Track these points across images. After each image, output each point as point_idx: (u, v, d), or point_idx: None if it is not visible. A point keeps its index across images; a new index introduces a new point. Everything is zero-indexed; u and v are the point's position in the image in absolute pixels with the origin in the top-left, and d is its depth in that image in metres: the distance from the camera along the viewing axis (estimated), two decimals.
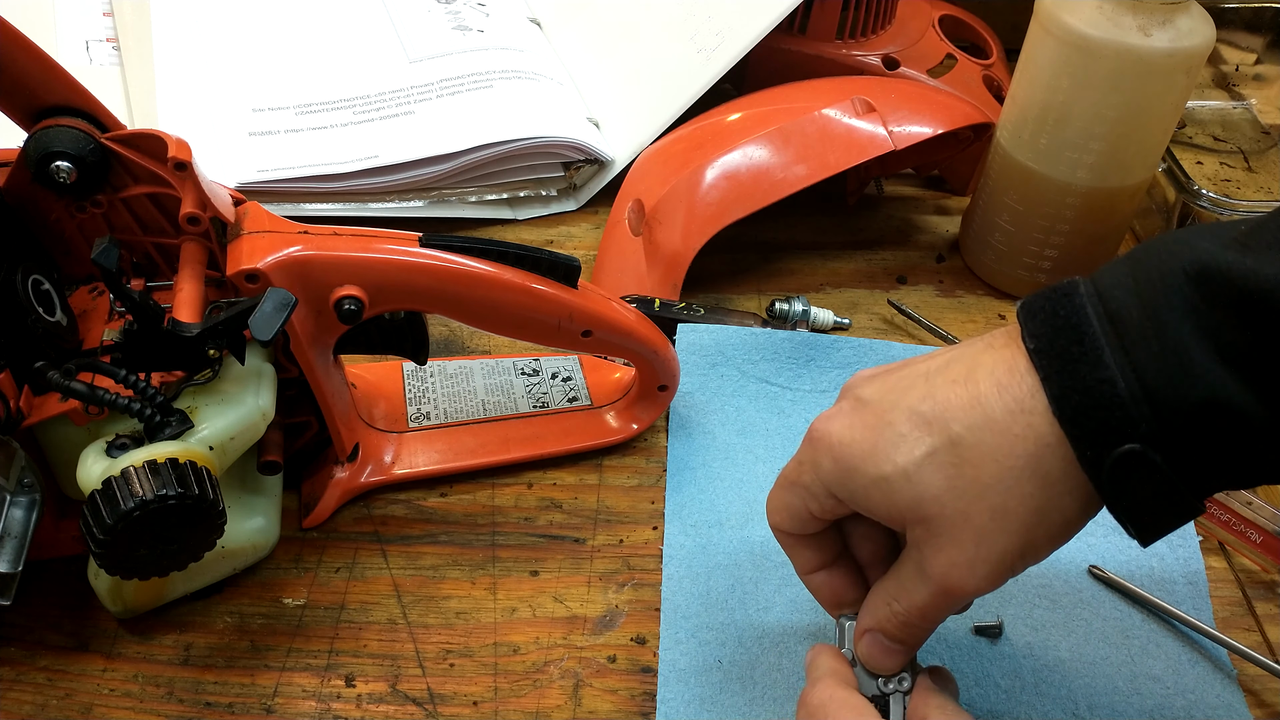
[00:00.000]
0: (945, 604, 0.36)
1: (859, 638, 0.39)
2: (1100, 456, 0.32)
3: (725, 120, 0.65)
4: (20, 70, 0.39)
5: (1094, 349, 0.32)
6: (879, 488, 0.35)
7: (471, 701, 0.45)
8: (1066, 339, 0.32)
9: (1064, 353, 0.32)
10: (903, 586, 0.37)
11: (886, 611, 0.37)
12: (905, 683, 0.39)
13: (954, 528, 0.34)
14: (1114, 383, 0.31)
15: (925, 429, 0.34)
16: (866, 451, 0.35)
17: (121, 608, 0.45)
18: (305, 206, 0.67)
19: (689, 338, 0.59)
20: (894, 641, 0.38)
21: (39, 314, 0.41)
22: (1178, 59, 0.55)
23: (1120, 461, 0.31)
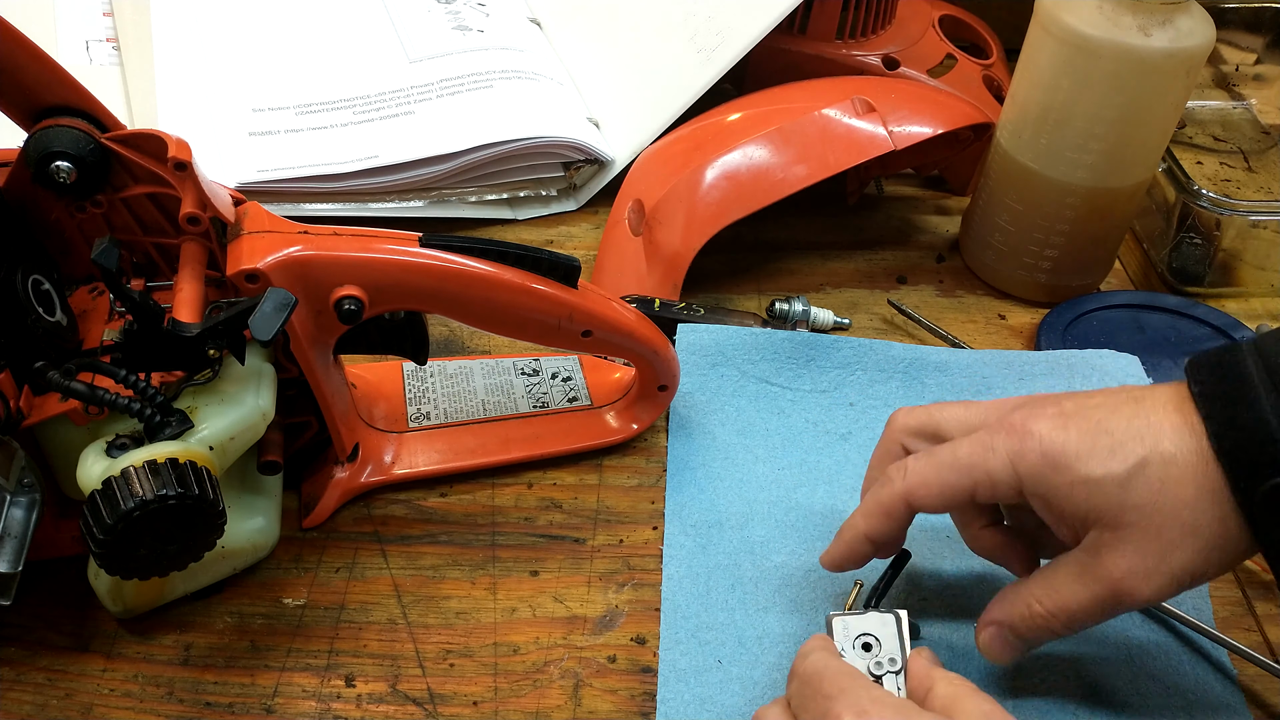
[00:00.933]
0: (1106, 607, 0.38)
1: (982, 629, 0.42)
2: (1252, 489, 0.35)
3: (725, 120, 0.65)
4: (20, 70, 0.39)
5: (1252, 394, 0.36)
6: (1085, 488, 0.38)
7: (471, 701, 0.45)
8: (1229, 385, 0.37)
9: (1225, 396, 0.37)
10: (1056, 587, 0.39)
11: (1025, 610, 0.40)
12: (897, 663, 0.39)
13: (1145, 538, 0.37)
14: (1267, 423, 0.35)
15: (1139, 442, 0.37)
16: (1082, 452, 0.38)
17: (121, 608, 0.45)
18: (305, 206, 0.67)
19: (689, 338, 0.59)
20: (1019, 638, 0.41)
21: (39, 314, 0.41)
22: (1178, 59, 0.55)
23: (1270, 494, 0.35)
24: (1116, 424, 0.38)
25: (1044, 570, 0.41)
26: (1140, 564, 0.37)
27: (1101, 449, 0.38)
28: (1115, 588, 0.38)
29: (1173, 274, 0.67)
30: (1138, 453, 0.37)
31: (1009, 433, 0.39)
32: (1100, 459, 0.38)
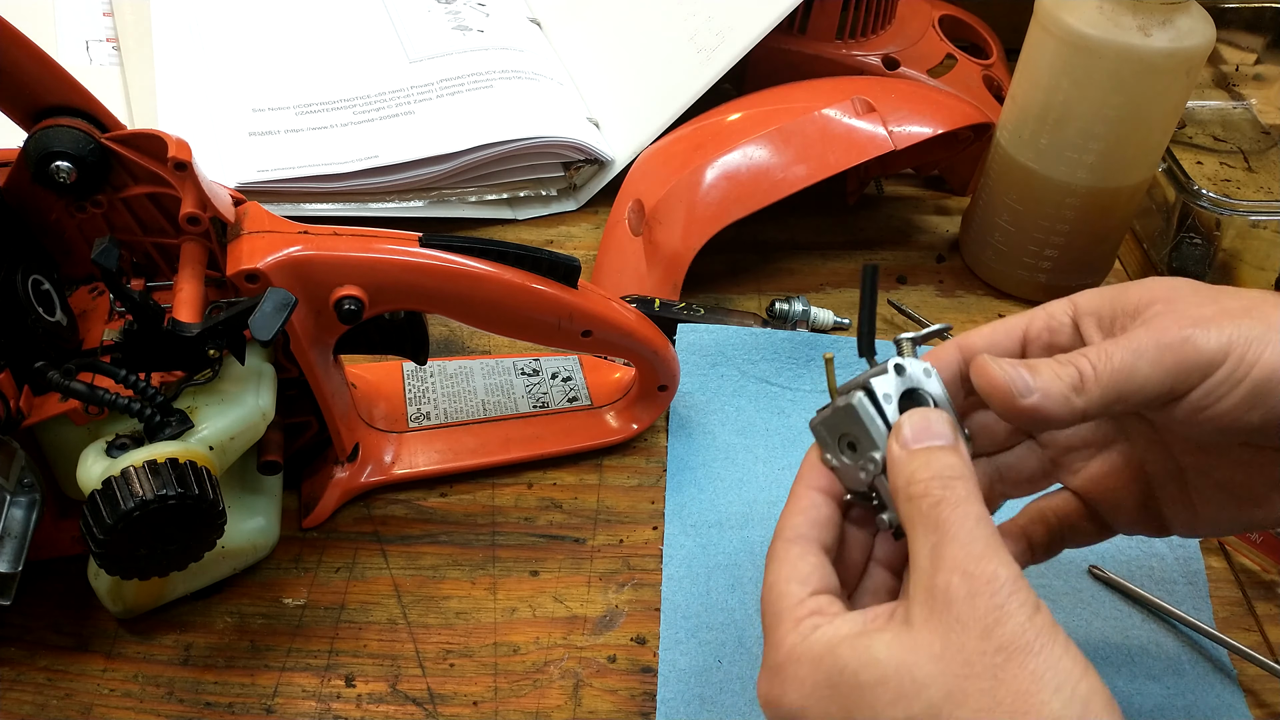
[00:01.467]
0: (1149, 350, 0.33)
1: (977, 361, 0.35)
2: None
3: (725, 120, 0.65)
4: (20, 70, 0.39)
5: None
6: (1140, 288, 0.35)
7: (471, 701, 0.45)
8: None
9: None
10: (1109, 351, 0.34)
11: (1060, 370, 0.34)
12: (877, 457, 0.34)
13: (1201, 294, 0.34)
14: None
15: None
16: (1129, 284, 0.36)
17: (121, 608, 0.45)
18: (305, 206, 0.67)
19: (689, 338, 0.59)
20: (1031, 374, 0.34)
21: (39, 314, 0.41)
22: (1178, 59, 0.55)
23: None
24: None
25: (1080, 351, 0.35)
26: (1199, 310, 0.33)
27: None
28: (1159, 333, 0.33)
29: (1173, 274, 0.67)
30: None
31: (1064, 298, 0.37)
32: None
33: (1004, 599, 0.29)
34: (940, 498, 0.31)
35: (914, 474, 0.32)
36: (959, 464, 0.32)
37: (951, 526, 0.30)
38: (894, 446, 0.33)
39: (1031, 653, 0.28)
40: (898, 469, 0.33)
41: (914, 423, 0.33)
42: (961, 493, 0.31)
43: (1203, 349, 0.33)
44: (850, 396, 0.35)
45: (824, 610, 0.33)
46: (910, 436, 0.33)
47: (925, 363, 0.36)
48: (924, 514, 0.31)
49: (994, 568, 0.29)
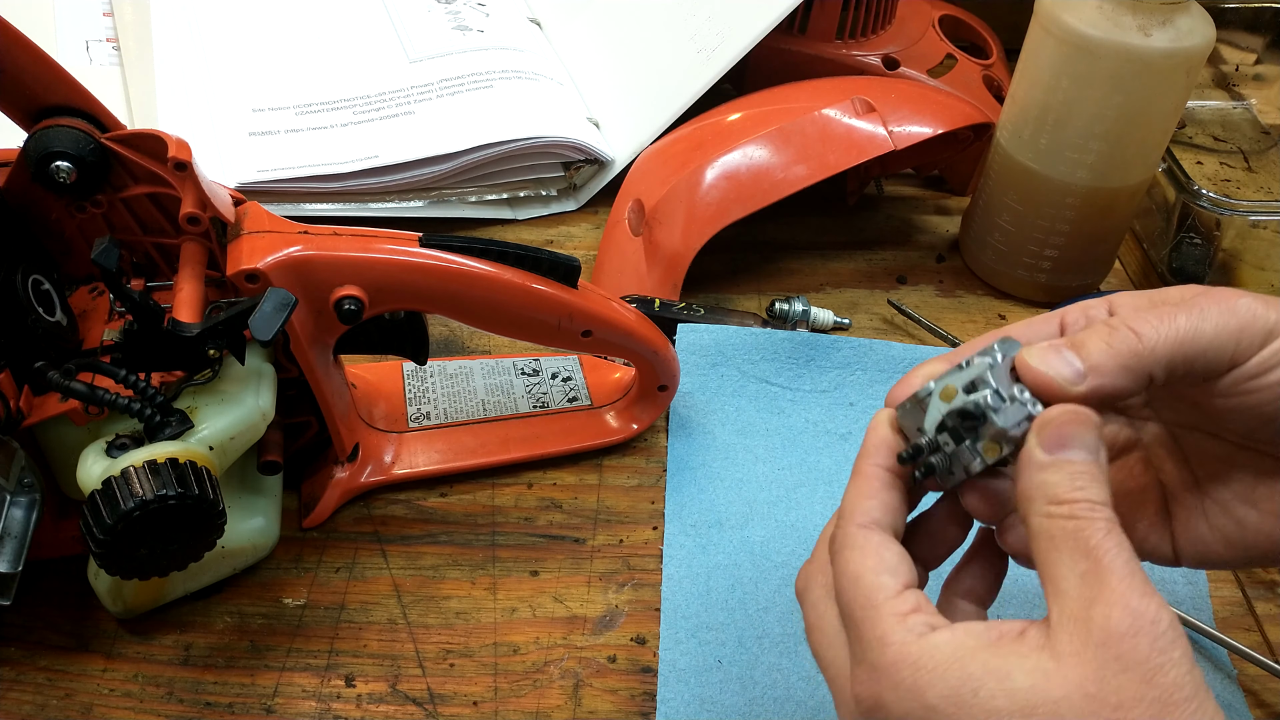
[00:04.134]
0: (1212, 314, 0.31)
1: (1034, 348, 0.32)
2: None
3: (725, 120, 0.65)
4: (20, 70, 0.39)
5: None
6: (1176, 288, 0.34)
7: (471, 701, 0.45)
8: None
9: None
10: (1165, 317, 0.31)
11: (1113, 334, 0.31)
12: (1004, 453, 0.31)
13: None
14: None
15: None
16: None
17: (121, 608, 0.45)
18: (305, 206, 0.67)
19: (689, 338, 0.59)
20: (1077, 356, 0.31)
21: (39, 314, 0.41)
22: (1178, 59, 0.55)
23: None
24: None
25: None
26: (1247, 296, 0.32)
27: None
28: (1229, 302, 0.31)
29: (1173, 274, 0.67)
30: None
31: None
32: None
33: (1168, 644, 0.27)
34: (1088, 520, 0.28)
35: (1057, 488, 0.29)
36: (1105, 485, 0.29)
37: (1107, 556, 0.28)
38: (1035, 450, 0.30)
39: (1191, 708, 0.26)
40: (1034, 475, 0.29)
41: (1061, 423, 0.30)
42: (1111, 518, 0.28)
43: (1261, 315, 0.31)
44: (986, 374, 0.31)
45: (922, 608, 0.30)
46: (1054, 440, 0.30)
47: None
48: (1070, 535, 0.28)
49: (1157, 610, 0.27)
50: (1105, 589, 0.27)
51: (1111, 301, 0.35)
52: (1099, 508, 0.28)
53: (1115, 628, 0.27)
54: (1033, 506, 0.29)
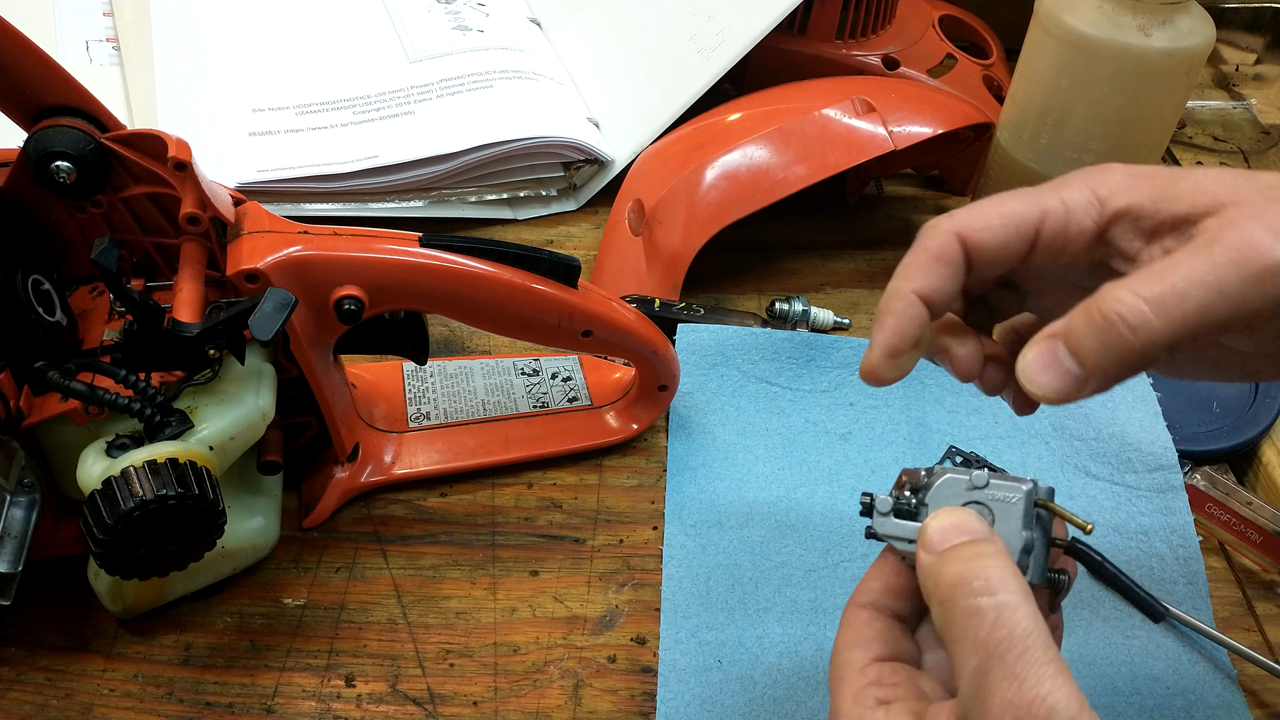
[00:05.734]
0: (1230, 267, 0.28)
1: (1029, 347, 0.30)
2: None
3: (725, 120, 0.65)
4: (20, 70, 0.39)
5: None
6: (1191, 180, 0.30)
7: (471, 701, 0.45)
8: None
9: None
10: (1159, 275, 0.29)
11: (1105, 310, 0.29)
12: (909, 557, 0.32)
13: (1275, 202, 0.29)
14: None
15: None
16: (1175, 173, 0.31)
17: (121, 608, 0.45)
18: (305, 206, 0.67)
19: (689, 338, 0.59)
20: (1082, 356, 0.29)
21: (39, 314, 0.41)
22: (1178, 59, 0.55)
23: None
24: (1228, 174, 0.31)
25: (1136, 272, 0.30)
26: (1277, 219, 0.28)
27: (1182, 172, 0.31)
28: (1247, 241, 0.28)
29: None
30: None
31: (1079, 173, 0.32)
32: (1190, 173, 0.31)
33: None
34: (975, 607, 0.28)
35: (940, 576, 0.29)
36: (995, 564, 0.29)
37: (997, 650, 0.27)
38: (920, 553, 0.31)
39: None
40: (924, 573, 0.31)
41: (940, 523, 0.31)
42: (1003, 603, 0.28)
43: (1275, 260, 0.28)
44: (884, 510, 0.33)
45: (884, 680, 0.31)
46: (936, 539, 0.31)
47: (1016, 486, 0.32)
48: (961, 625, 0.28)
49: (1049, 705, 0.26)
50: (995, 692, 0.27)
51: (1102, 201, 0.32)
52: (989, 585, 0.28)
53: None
54: (930, 601, 0.30)
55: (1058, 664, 0.27)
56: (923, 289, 0.33)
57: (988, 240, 0.32)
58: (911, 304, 0.33)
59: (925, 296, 0.33)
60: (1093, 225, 0.32)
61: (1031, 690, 0.26)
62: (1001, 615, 0.28)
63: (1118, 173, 0.32)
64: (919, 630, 0.34)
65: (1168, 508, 0.52)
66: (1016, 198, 0.33)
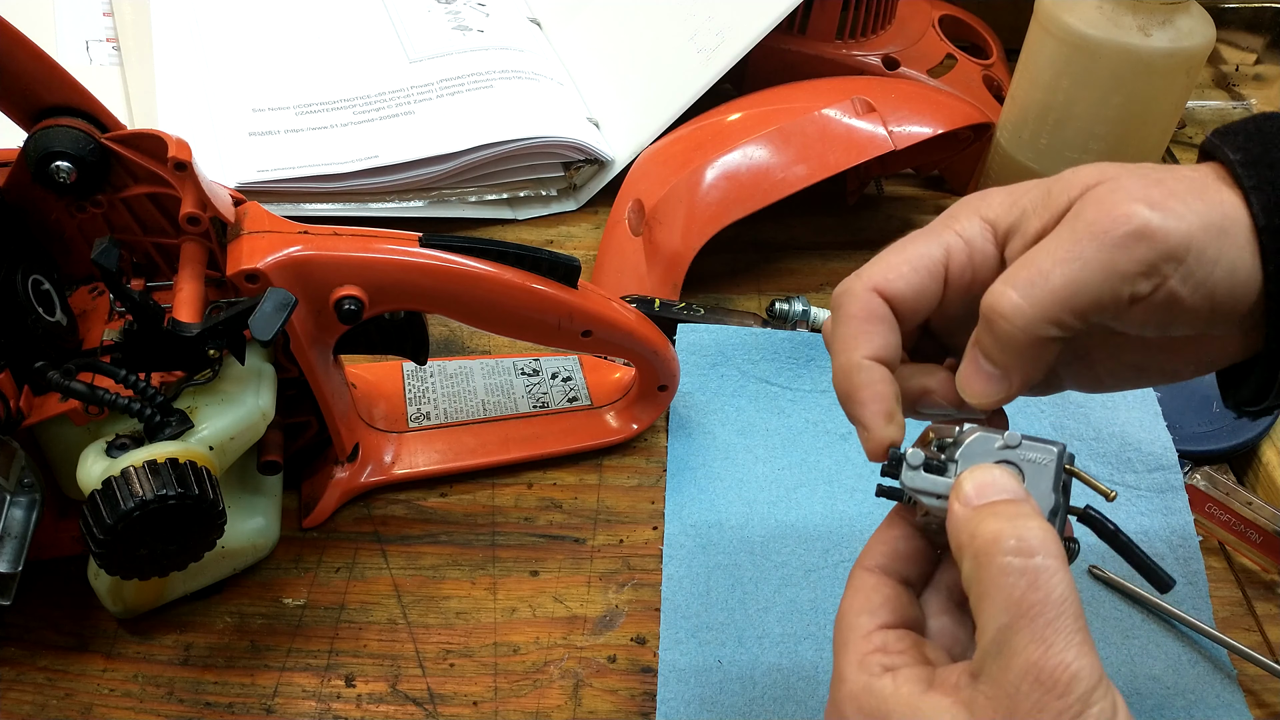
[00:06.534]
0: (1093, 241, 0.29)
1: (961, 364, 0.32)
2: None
3: (725, 120, 0.65)
4: (20, 70, 0.39)
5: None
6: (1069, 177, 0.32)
7: (471, 701, 0.45)
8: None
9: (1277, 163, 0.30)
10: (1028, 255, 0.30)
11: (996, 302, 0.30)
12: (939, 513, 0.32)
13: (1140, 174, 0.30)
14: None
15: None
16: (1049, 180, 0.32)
17: (121, 608, 0.45)
18: (305, 206, 0.67)
19: (689, 338, 0.59)
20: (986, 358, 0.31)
21: (39, 314, 0.41)
22: (1178, 59, 0.55)
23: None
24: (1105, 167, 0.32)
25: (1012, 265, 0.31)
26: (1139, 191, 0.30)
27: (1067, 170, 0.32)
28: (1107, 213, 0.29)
29: None
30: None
31: (961, 203, 0.34)
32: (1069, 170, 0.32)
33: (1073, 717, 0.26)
34: (1012, 566, 0.28)
35: (978, 530, 0.29)
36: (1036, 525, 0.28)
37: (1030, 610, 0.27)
38: (955, 505, 0.30)
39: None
40: (959, 526, 0.30)
41: (977, 479, 0.30)
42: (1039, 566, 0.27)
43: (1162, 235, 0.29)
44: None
45: (889, 648, 0.31)
46: (973, 493, 0.30)
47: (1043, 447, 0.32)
48: (995, 581, 0.28)
49: (1072, 672, 0.26)
50: (1018, 651, 0.27)
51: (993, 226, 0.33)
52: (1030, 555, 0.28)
53: (1022, 702, 0.26)
54: (963, 556, 0.29)
55: (1085, 634, 0.27)
56: (871, 353, 0.33)
57: (904, 289, 0.33)
58: (871, 369, 0.33)
59: (879, 357, 0.33)
60: (993, 250, 0.33)
61: (1057, 656, 0.26)
62: (1039, 578, 0.27)
63: (997, 195, 0.33)
64: (923, 596, 0.34)
65: (1168, 508, 0.52)
66: (916, 241, 0.34)
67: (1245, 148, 0.31)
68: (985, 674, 0.28)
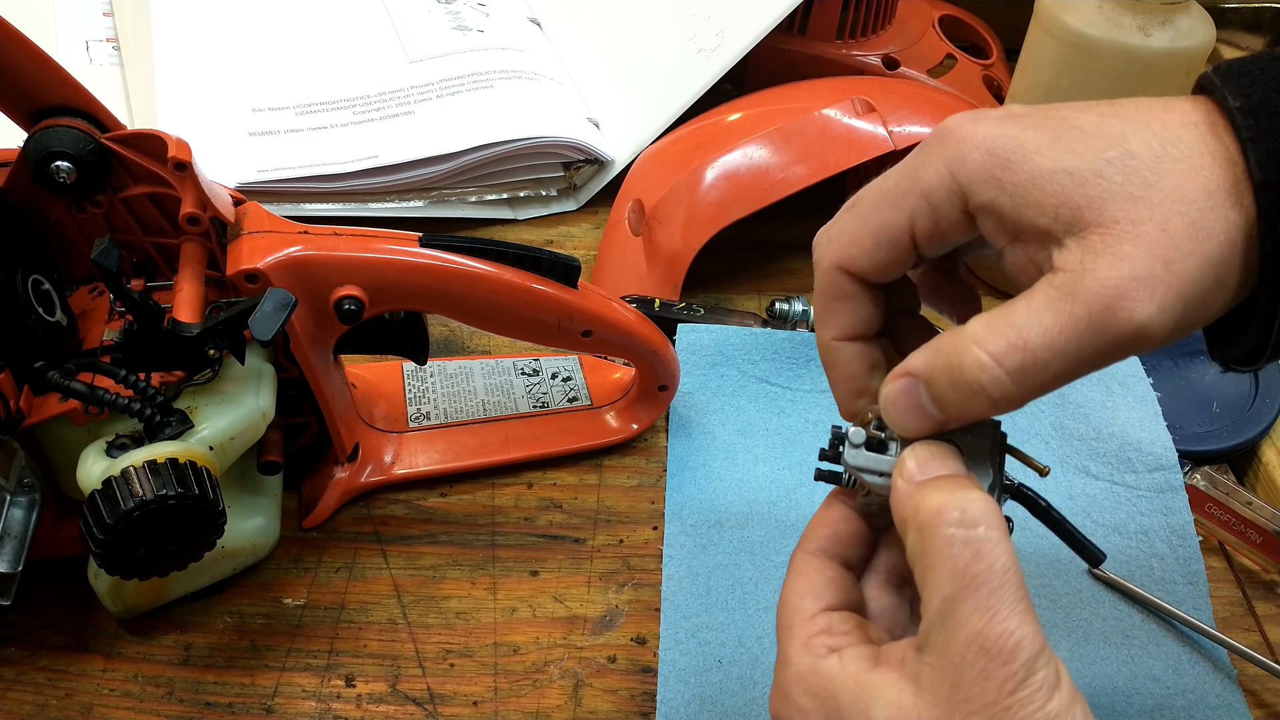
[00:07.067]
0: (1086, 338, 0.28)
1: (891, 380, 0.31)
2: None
3: (725, 120, 0.65)
4: (20, 70, 0.39)
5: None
6: (1051, 180, 0.28)
7: (471, 701, 0.45)
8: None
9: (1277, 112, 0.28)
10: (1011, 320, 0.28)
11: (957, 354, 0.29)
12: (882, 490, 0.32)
13: (1145, 233, 0.28)
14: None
15: (1117, 136, 0.29)
16: (1042, 145, 0.29)
17: (121, 608, 0.45)
18: (305, 206, 0.67)
19: (689, 338, 0.59)
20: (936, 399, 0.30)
21: (39, 314, 0.41)
22: (1178, 59, 0.55)
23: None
24: (1088, 120, 0.30)
25: (995, 308, 0.30)
26: (1140, 267, 0.27)
27: (1070, 139, 0.29)
28: (1106, 303, 0.27)
29: None
30: (1119, 143, 0.29)
31: (941, 139, 0.30)
32: (1069, 147, 0.29)
33: (1017, 683, 0.26)
34: (955, 537, 0.28)
35: (921, 503, 0.29)
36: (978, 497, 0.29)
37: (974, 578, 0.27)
38: (898, 481, 0.31)
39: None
40: (902, 501, 0.30)
41: (919, 455, 0.31)
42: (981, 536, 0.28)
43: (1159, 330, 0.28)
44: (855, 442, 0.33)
45: (834, 629, 0.31)
46: (915, 469, 0.30)
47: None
48: (939, 553, 0.28)
49: (1015, 640, 0.27)
50: (962, 622, 0.27)
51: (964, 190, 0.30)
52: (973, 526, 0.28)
53: (968, 670, 0.27)
54: (906, 529, 0.30)
55: (1027, 604, 0.27)
56: (838, 333, 0.33)
57: (868, 265, 0.32)
58: (839, 349, 0.33)
59: (847, 336, 0.33)
60: (960, 215, 0.30)
61: (1001, 624, 0.27)
62: (982, 549, 0.28)
63: (977, 151, 0.30)
64: (862, 579, 0.34)
65: (1168, 508, 0.52)
66: (881, 206, 0.32)
67: (1246, 93, 0.29)
68: (930, 645, 0.28)
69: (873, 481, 0.33)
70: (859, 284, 0.33)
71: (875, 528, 0.35)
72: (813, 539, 0.34)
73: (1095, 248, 0.28)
